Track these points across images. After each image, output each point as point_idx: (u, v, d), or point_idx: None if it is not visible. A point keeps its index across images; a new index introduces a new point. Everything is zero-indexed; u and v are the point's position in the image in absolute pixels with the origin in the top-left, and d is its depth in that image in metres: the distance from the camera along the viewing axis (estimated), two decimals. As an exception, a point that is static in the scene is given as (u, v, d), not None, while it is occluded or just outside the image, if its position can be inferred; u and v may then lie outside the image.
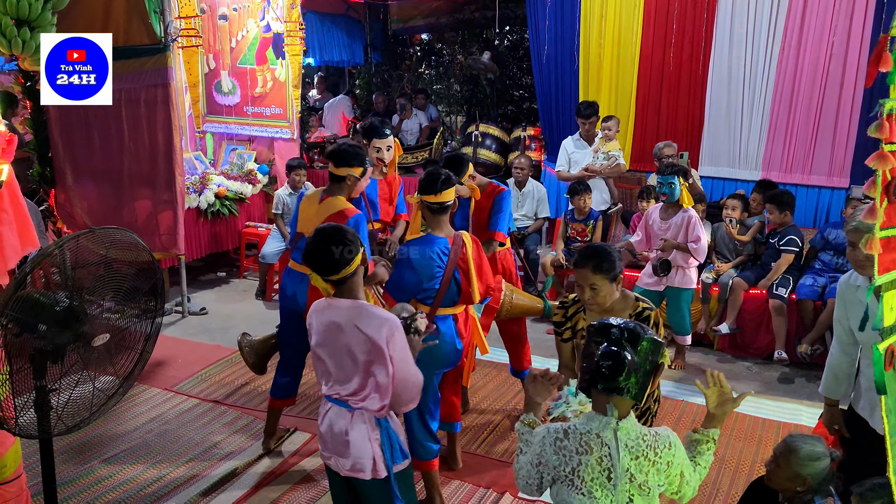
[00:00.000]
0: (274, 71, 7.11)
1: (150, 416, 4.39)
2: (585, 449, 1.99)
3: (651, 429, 2.07)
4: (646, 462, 1.99)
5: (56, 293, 2.53)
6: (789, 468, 2.74)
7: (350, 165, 3.69)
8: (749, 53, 6.64)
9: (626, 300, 2.79)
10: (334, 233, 2.53)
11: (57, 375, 2.50)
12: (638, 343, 1.97)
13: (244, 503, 3.57)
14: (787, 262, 5.17)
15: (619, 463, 1.97)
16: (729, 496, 3.68)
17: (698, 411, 4.55)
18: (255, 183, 7.19)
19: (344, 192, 3.72)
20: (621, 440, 1.98)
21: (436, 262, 3.22)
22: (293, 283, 3.74)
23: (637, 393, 1.97)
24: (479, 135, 8.30)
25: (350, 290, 2.54)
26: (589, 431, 2.00)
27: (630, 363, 1.95)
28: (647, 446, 2.00)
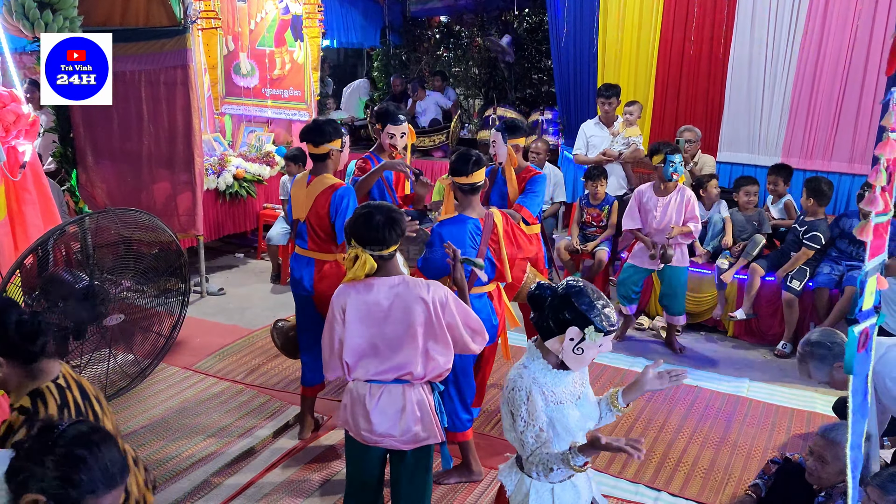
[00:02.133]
0: (292, 53, 7.12)
1: (168, 394, 4.46)
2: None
3: (517, 382, 2.18)
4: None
5: (77, 272, 2.60)
6: (838, 461, 2.73)
7: (329, 140, 3.68)
8: (771, 37, 6.54)
9: None
10: (387, 208, 2.58)
11: (78, 352, 2.57)
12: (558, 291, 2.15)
13: (260, 480, 3.64)
14: (806, 256, 5.12)
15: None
16: (741, 482, 3.69)
17: (711, 396, 4.55)
18: (272, 165, 7.24)
19: (329, 169, 3.72)
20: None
21: (468, 242, 3.28)
22: (300, 268, 3.76)
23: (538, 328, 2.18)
24: (496, 118, 8.27)
25: (394, 267, 2.59)
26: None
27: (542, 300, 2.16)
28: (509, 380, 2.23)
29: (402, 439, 2.57)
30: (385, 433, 2.56)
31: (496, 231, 3.36)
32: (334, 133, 3.70)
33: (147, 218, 2.64)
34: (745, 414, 4.36)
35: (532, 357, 2.21)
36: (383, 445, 2.61)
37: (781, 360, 5.17)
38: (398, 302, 2.51)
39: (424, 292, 2.51)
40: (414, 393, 2.56)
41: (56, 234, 2.43)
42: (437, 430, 2.59)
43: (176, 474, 3.64)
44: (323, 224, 3.63)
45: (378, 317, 2.53)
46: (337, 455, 3.85)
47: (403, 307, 2.51)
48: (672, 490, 3.62)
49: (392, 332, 2.53)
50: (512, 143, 4.16)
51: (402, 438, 2.56)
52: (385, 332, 2.53)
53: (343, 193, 3.58)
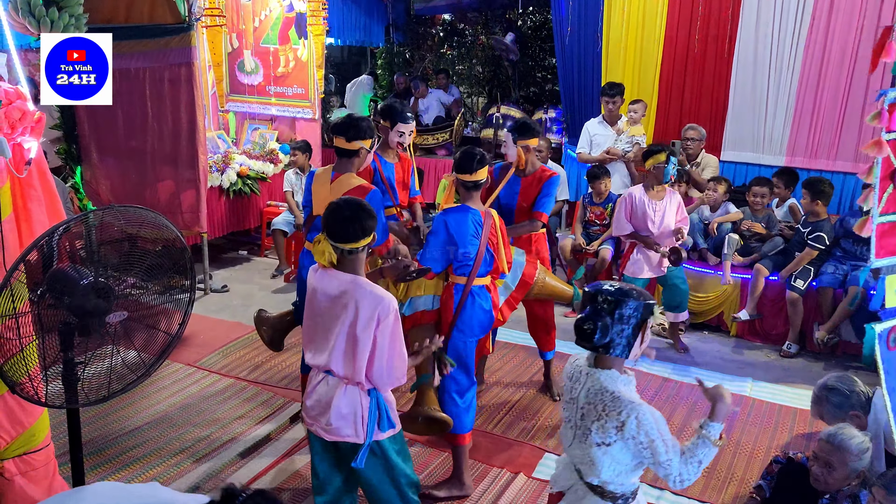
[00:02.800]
0: (296, 51, 7.13)
1: (172, 390, 4.48)
2: (571, 375, 2.33)
3: (621, 393, 2.15)
4: (593, 411, 2.17)
5: (81, 268, 2.60)
6: (845, 467, 2.71)
7: (363, 138, 3.64)
8: (776, 36, 6.53)
9: None
10: (358, 205, 2.62)
11: (83, 348, 2.57)
12: (609, 303, 2.13)
13: (264, 476, 3.65)
14: (810, 256, 5.12)
15: (578, 399, 2.24)
16: (743, 482, 3.69)
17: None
18: (276, 162, 7.25)
19: (354, 167, 3.70)
20: (587, 384, 2.23)
21: (471, 230, 3.33)
22: (310, 263, 3.74)
23: (619, 351, 2.15)
24: (499, 116, 8.28)
25: (353, 265, 2.61)
26: (580, 365, 2.31)
27: (608, 329, 2.12)
28: (601, 402, 2.16)
29: (326, 428, 2.60)
30: (315, 417, 2.63)
31: (495, 226, 3.43)
32: (368, 131, 3.67)
33: (152, 216, 2.64)
34: (748, 413, 4.36)
35: (611, 380, 2.18)
36: (313, 430, 2.66)
37: (785, 360, 5.17)
38: (342, 298, 2.54)
39: (369, 299, 2.51)
40: (348, 389, 2.57)
41: (60, 230, 2.43)
42: (361, 431, 2.57)
43: (180, 471, 3.65)
44: None
45: (321, 307, 2.60)
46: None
47: (343, 304, 2.54)
48: (674, 489, 3.62)
49: (327, 325, 2.58)
50: (522, 143, 4.14)
51: (326, 428, 2.60)
52: (323, 324, 2.60)
53: (374, 195, 3.53)
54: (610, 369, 2.20)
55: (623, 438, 2.11)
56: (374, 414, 2.59)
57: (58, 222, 2.91)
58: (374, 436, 2.60)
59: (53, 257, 3.12)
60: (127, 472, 3.62)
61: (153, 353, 2.70)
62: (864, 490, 2.69)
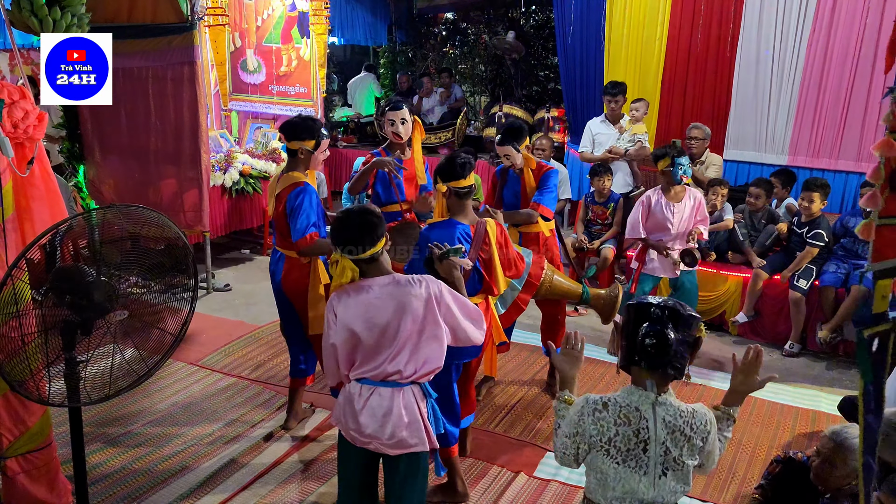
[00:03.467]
0: (299, 50, 7.14)
1: (174, 389, 4.49)
2: (624, 421, 2.05)
3: (689, 406, 2.10)
4: (681, 437, 2.04)
5: (83, 266, 2.61)
6: (846, 465, 2.69)
7: (300, 139, 3.61)
8: (779, 34, 6.53)
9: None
10: (360, 214, 2.57)
11: (85, 347, 2.58)
12: (678, 320, 2.02)
13: (266, 475, 3.65)
14: (811, 255, 5.11)
15: (656, 436, 2.03)
16: (745, 481, 3.69)
17: (716, 395, 4.55)
18: (278, 161, 7.25)
19: (300, 167, 3.65)
20: (659, 415, 2.04)
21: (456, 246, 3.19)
22: (273, 262, 3.81)
23: (680, 369, 2.03)
24: (502, 115, 8.28)
25: (380, 267, 2.57)
26: (629, 405, 2.06)
27: (673, 342, 1.99)
28: (685, 422, 2.05)
29: (389, 443, 2.50)
30: (372, 435, 2.51)
31: (488, 240, 3.24)
32: (307, 134, 3.61)
33: (154, 215, 2.65)
34: (749, 413, 4.36)
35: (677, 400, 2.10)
36: (370, 448, 2.56)
37: (786, 360, 5.17)
38: (389, 301, 2.48)
39: (416, 289, 2.49)
40: (403, 396, 2.50)
41: (63, 228, 2.44)
42: (426, 438, 2.52)
43: (183, 468, 3.66)
44: (283, 221, 3.60)
45: (368, 317, 2.50)
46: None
47: (394, 306, 2.48)
48: (700, 477, 3.62)
49: (381, 332, 2.50)
50: (524, 146, 4.22)
51: (388, 442, 2.50)
52: (374, 333, 2.50)
53: (298, 192, 3.51)
54: (668, 390, 2.09)
55: (708, 446, 2.09)
56: (432, 419, 2.57)
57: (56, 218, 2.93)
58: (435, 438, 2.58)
59: (57, 256, 3.14)
60: (129, 470, 3.63)
61: (155, 352, 2.71)
62: None
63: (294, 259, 3.68)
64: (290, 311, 3.82)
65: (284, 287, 3.74)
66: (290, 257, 3.70)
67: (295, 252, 3.62)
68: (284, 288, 3.74)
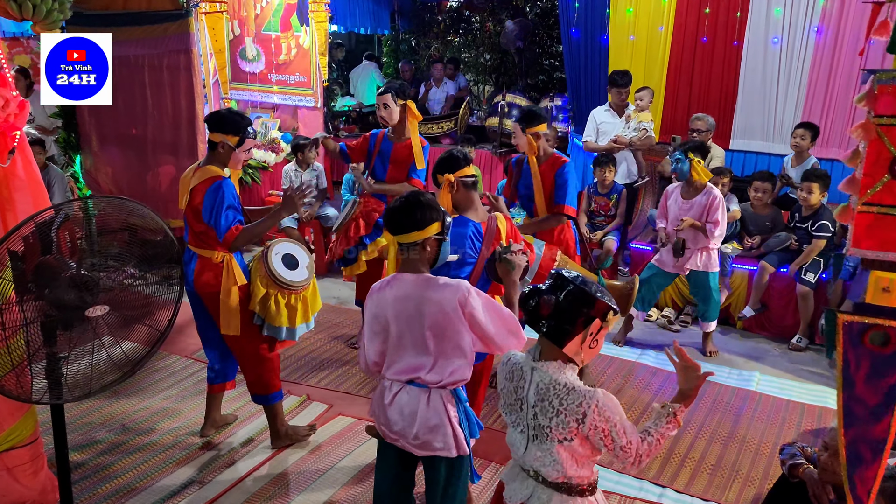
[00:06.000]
0: (298, 38, 7.04)
1: (168, 382, 4.43)
2: (510, 377, 2.20)
3: (576, 384, 2.04)
4: (549, 408, 2.05)
5: (65, 259, 2.53)
6: None
7: (224, 132, 3.36)
8: (787, 21, 6.38)
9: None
10: (415, 195, 2.49)
11: (67, 343, 2.51)
12: (573, 294, 2.04)
13: (260, 469, 3.59)
14: (819, 248, 4.97)
15: (527, 398, 2.12)
16: (749, 478, 3.60)
17: (720, 391, 4.46)
18: (278, 151, 7.17)
19: (217, 162, 3.41)
20: (534, 379, 2.10)
21: (468, 245, 3.07)
22: (185, 261, 3.49)
23: (553, 335, 2.05)
24: (505, 105, 8.15)
25: (414, 263, 2.46)
26: (517, 362, 2.19)
27: (551, 306, 2.03)
28: (555, 395, 2.05)
29: (415, 444, 2.43)
30: (400, 433, 2.45)
31: (499, 236, 3.12)
32: (231, 128, 3.37)
33: (138, 207, 2.56)
34: (754, 409, 4.27)
35: (559, 372, 2.06)
36: (399, 445, 2.49)
37: (792, 354, 5.07)
38: (411, 302, 2.39)
39: (442, 294, 2.36)
40: (430, 398, 2.41)
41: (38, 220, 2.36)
42: (452, 443, 2.42)
43: (175, 463, 3.61)
44: (197, 218, 3.35)
45: (394, 313, 2.42)
46: (335, 448, 3.79)
47: (416, 308, 2.38)
48: (677, 486, 3.54)
49: (404, 330, 2.42)
50: (531, 131, 4.05)
51: (414, 443, 2.43)
52: (399, 330, 2.42)
53: (217, 187, 3.28)
54: (556, 360, 2.08)
55: (585, 429, 2.01)
56: (465, 423, 2.46)
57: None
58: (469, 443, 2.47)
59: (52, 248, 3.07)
60: (120, 465, 3.57)
61: (142, 344, 2.64)
62: None
63: (206, 259, 3.43)
64: (204, 313, 3.57)
65: (197, 288, 3.46)
66: (202, 256, 3.43)
67: (221, 249, 3.39)
68: (197, 289, 3.47)
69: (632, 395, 4.42)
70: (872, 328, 1.73)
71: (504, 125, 8.10)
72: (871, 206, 1.65)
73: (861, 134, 1.60)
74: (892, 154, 1.61)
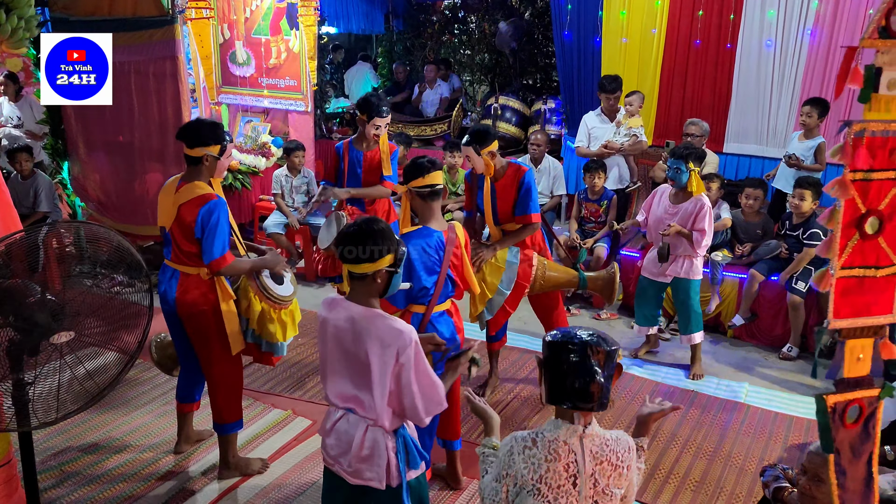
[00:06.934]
0: (288, 42, 6.97)
1: (152, 395, 4.40)
2: (553, 456, 1.96)
3: (612, 432, 2.04)
4: (608, 466, 1.99)
5: (30, 283, 2.49)
6: None
7: (206, 144, 3.28)
8: (781, 24, 6.32)
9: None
10: (369, 224, 2.41)
11: (33, 368, 2.47)
12: (601, 358, 1.93)
13: (242, 485, 3.57)
14: (809, 256, 4.89)
15: (584, 469, 1.97)
16: (732, 496, 3.56)
17: (707, 402, 4.42)
18: (268, 156, 7.12)
19: (203, 176, 3.32)
20: (586, 446, 1.98)
21: (433, 257, 3.09)
22: (165, 280, 3.40)
23: (606, 404, 1.97)
24: (498, 107, 8.10)
25: (366, 296, 2.40)
26: (556, 439, 1.98)
27: (601, 384, 1.92)
28: (610, 450, 2.00)
29: (348, 471, 2.41)
30: (335, 458, 2.44)
31: (458, 244, 3.16)
32: (212, 138, 3.30)
33: (103, 231, 2.53)
34: (741, 422, 4.22)
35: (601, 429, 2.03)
36: (334, 470, 2.47)
37: (783, 363, 5.02)
38: (354, 335, 2.34)
39: (387, 334, 2.30)
40: (369, 429, 2.37)
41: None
42: (383, 474, 2.37)
43: (159, 478, 3.59)
44: (187, 236, 3.25)
45: (334, 340, 2.40)
46: (318, 463, 3.76)
47: (358, 341, 2.33)
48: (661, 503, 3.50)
49: (340, 359, 2.39)
50: (486, 151, 3.93)
51: (347, 469, 2.41)
52: (335, 357, 2.41)
53: (212, 208, 3.19)
54: (593, 420, 2.01)
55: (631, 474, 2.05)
56: (402, 455, 2.40)
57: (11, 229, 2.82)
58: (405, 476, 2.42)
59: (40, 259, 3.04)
60: (99, 483, 3.54)
61: (109, 372, 2.61)
62: None
63: (192, 277, 3.31)
64: (183, 335, 3.45)
65: (179, 309, 3.33)
66: (185, 275, 3.32)
67: (207, 271, 3.28)
68: (179, 309, 3.34)
69: (619, 406, 4.37)
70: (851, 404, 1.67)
71: (498, 127, 8.04)
72: (844, 269, 1.59)
73: (838, 191, 1.54)
74: (861, 211, 1.55)
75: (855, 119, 1.53)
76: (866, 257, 1.60)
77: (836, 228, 1.56)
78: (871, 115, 1.54)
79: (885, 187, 1.57)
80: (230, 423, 3.54)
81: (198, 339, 3.40)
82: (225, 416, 3.53)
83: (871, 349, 1.67)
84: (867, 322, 1.64)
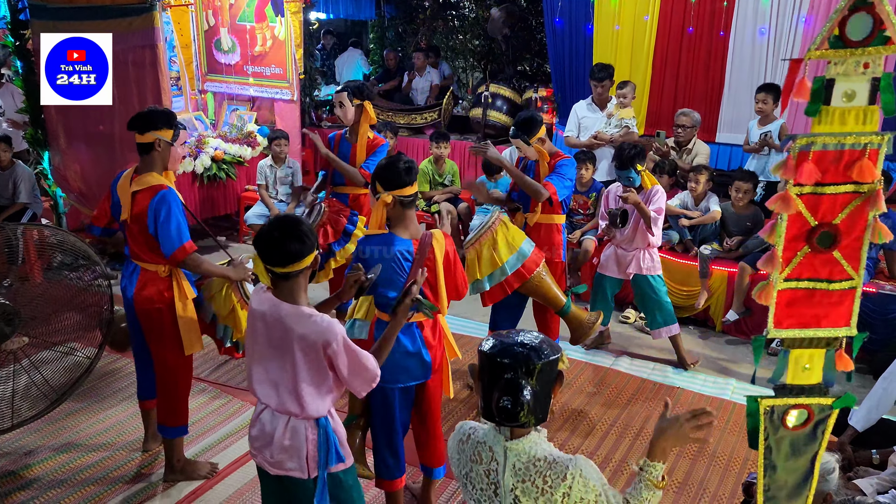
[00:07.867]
0: (273, 29, 6.85)
1: (129, 392, 4.31)
2: (476, 458, 1.90)
3: (554, 454, 1.85)
4: (533, 488, 1.82)
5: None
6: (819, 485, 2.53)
7: (156, 128, 3.13)
8: (775, 11, 6.21)
9: None
10: (290, 223, 2.34)
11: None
12: (535, 371, 1.78)
13: (219, 482, 3.52)
14: None
15: (504, 482, 1.85)
16: (715, 498, 3.50)
17: (694, 400, 4.35)
18: (254, 145, 7.02)
19: (156, 166, 3.18)
20: (510, 460, 1.84)
21: (396, 265, 2.86)
22: (126, 274, 3.33)
23: (540, 418, 1.82)
24: (489, 95, 7.97)
25: (290, 293, 2.35)
26: (484, 442, 1.90)
27: (528, 401, 1.76)
28: (537, 473, 1.82)
29: (270, 461, 2.40)
30: (259, 449, 2.42)
31: (432, 255, 2.87)
32: (163, 121, 3.16)
33: (59, 232, 2.44)
34: (726, 420, 4.15)
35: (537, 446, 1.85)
36: (257, 461, 2.46)
37: (770, 358, 4.93)
38: (281, 332, 2.32)
39: (312, 329, 2.28)
40: (290, 421, 2.36)
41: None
42: (305, 465, 2.36)
43: (134, 478, 3.53)
44: (142, 230, 3.15)
45: (261, 334, 2.37)
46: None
47: (282, 336, 2.32)
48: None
49: (268, 355, 2.36)
50: (535, 139, 3.92)
51: (270, 460, 2.40)
52: (264, 353, 2.38)
53: (162, 199, 3.07)
54: (528, 433, 1.85)
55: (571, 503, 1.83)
56: (322, 448, 2.38)
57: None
58: (325, 469, 2.38)
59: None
60: (69, 486, 3.47)
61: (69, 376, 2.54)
62: None
63: (151, 272, 3.24)
64: (138, 331, 3.38)
65: (136, 303, 3.26)
66: (145, 270, 3.25)
67: (165, 268, 3.22)
68: (136, 304, 3.27)
69: (604, 404, 4.30)
70: (791, 408, 1.67)
71: (489, 116, 7.92)
72: (790, 281, 1.57)
73: (781, 206, 1.50)
74: (811, 224, 1.51)
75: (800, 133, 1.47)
76: (817, 270, 1.56)
77: (777, 242, 1.53)
78: (820, 129, 1.47)
79: (841, 201, 1.51)
80: (172, 426, 3.45)
81: (151, 336, 3.33)
82: (168, 420, 3.45)
83: (821, 360, 1.66)
84: (817, 334, 1.63)
